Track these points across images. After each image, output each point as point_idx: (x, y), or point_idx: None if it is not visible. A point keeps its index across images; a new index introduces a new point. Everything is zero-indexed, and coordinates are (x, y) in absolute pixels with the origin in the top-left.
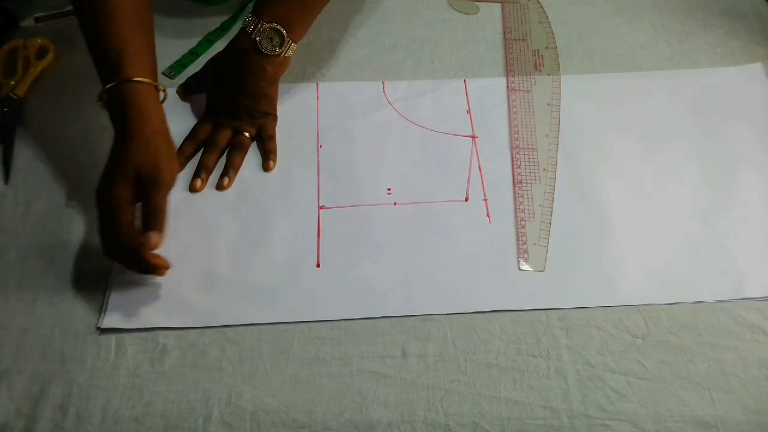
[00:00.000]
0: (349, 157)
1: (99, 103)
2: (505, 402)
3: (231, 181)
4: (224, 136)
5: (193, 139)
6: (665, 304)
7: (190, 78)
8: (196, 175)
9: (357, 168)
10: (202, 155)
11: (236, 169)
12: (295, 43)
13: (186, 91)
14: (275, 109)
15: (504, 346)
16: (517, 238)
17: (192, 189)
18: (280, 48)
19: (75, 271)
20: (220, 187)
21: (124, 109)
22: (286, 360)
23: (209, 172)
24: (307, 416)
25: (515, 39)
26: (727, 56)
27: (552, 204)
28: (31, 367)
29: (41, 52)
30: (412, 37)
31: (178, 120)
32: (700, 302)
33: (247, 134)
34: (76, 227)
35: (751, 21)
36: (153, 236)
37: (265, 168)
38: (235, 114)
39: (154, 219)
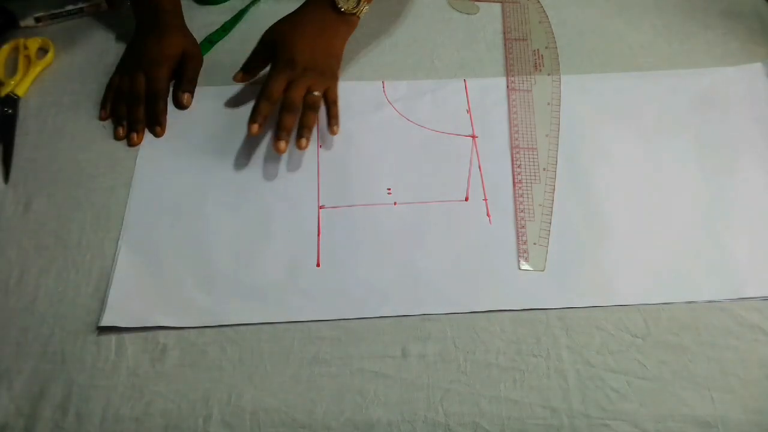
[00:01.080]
0: (349, 157)
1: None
2: (505, 402)
3: (308, 141)
4: (299, 95)
5: (269, 99)
6: (665, 303)
7: (249, 59)
8: (278, 138)
9: (357, 168)
10: (281, 116)
11: (311, 129)
12: (368, 3)
13: (248, 73)
14: (339, 73)
15: (504, 346)
16: (517, 238)
17: (277, 150)
18: (356, 7)
19: (75, 271)
20: (298, 147)
21: (159, 4)
22: (286, 360)
23: (290, 133)
24: (307, 416)
25: (515, 39)
26: (727, 56)
27: (552, 204)
28: (31, 367)
29: (41, 52)
30: (412, 37)
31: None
32: (700, 302)
33: (317, 93)
34: (76, 227)
35: (751, 21)
36: (187, 96)
37: (332, 132)
38: (307, 73)
39: (190, 85)
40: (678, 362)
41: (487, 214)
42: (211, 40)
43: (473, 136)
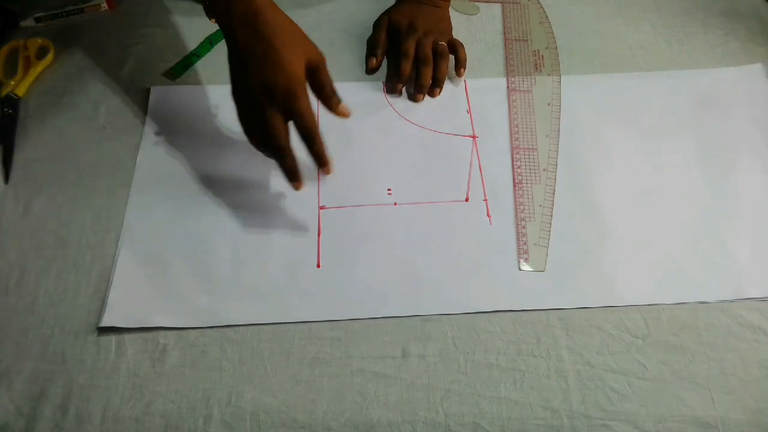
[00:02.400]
0: (349, 157)
1: (212, 20)
2: (505, 402)
3: (441, 90)
4: (429, 49)
5: (407, 57)
6: (665, 304)
7: (373, 45)
8: (418, 91)
9: (357, 168)
10: (419, 73)
11: (444, 79)
12: None
13: (376, 57)
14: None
15: (504, 347)
16: (518, 239)
17: (415, 101)
18: None
19: (75, 271)
20: (432, 95)
21: (257, 15)
22: (286, 360)
23: (427, 87)
24: (307, 416)
25: (515, 39)
26: (727, 56)
27: (552, 204)
28: (31, 367)
29: (41, 52)
30: None
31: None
32: (700, 302)
33: (443, 43)
34: (76, 227)
35: (751, 21)
36: (343, 106)
37: (459, 74)
38: (429, 34)
39: (333, 92)
40: (678, 363)
41: (488, 215)
42: (212, 40)
43: (473, 137)
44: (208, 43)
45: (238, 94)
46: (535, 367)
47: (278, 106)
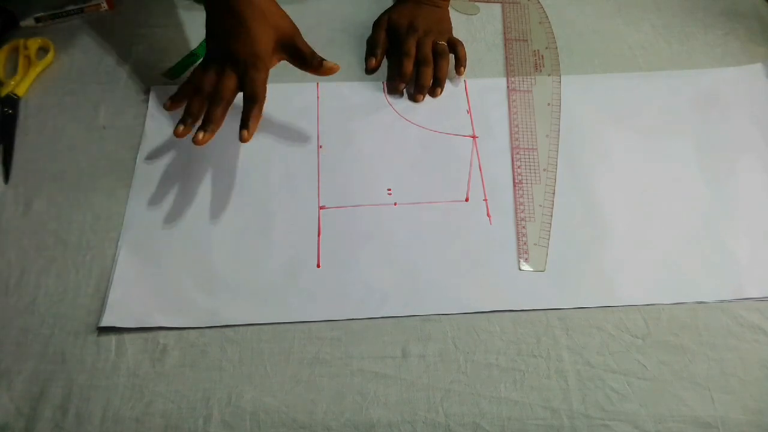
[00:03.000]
0: (349, 157)
1: None
2: (505, 402)
3: (443, 90)
4: (429, 49)
5: (408, 55)
6: (665, 304)
7: (372, 46)
8: (419, 92)
9: (357, 168)
10: (420, 74)
11: (445, 78)
12: None
13: (376, 57)
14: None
15: (504, 347)
16: (518, 238)
17: (416, 101)
18: None
19: (75, 271)
20: (433, 95)
21: None
22: (286, 360)
23: (427, 87)
24: (307, 416)
25: (515, 39)
26: (727, 56)
27: (552, 204)
28: (31, 367)
29: (41, 52)
30: None
31: None
32: (700, 302)
33: (443, 43)
34: (76, 227)
35: (751, 21)
36: (328, 63)
37: (459, 72)
38: (429, 34)
39: (313, 55)
40: (678, 363)
41: (488, 215)
42: None
43: (473, 137)
44: None
45: (205, 57)
46: (535, 367)
47: (236, 71)
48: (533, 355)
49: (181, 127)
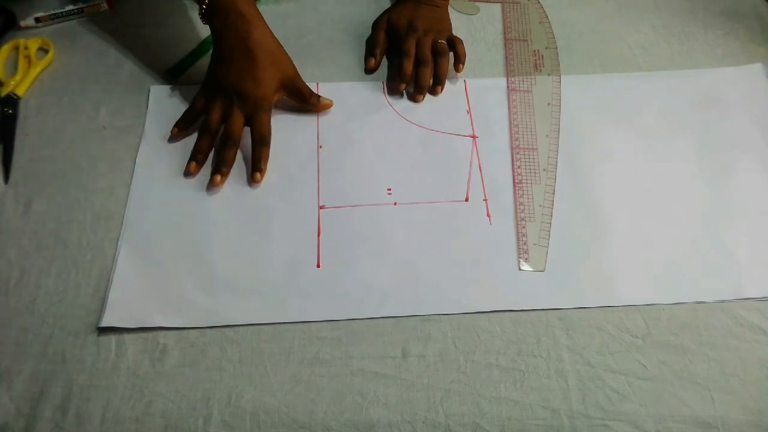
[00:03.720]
0: (349, 157)
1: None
2: (505, 402)
3: (443, 89)
4: (429, 49)
5: (408, 56)
6: (665, 304)
7: (372, 46)
8: (418, 92)
9: (357, 168)
10: (419, 74)
11: (445, 76)
12: None
13: (376, 57)
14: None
15: (504, 347)
16: (518, 238)
17: (416, 101)
18: None
19: (75, 271)
20: (434, 94)
21: (250, 33)
22: (286, 360)
23: (428, 86)
24: (307, 416)
25: (515, 39)
26: (727, 56)
27: (552, 204)
28: (31, 367)
29: (41, 52)
30: None
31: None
32: (700, 302)
33: (442, 41)
34: (76, 227)
35: (751, 21)
36: (323, 99)
37: (457, 70)
38: (429, 33)
39: (311, 93)
40: (678, 363)
41: (488, 215)
42: (211, 40)
43: (473, 137)
44: (208, 43)
45: (210, 85)
46: (535, 367)
47: (245, 111)
48: (533, 355)
49: (194, 165)
